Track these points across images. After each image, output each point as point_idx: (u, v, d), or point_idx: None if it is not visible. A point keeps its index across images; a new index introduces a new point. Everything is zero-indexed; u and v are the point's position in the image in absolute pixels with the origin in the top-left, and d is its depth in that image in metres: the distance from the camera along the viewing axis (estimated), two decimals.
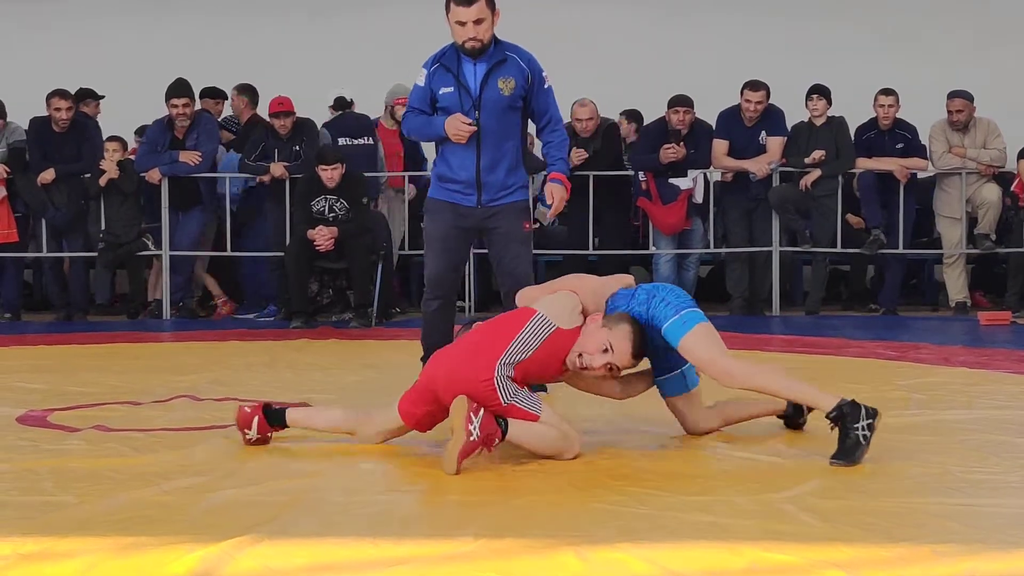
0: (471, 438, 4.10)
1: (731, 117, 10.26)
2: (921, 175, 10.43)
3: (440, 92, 5.72)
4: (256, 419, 4.58)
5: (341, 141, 10.31)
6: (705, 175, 10.24)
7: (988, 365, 6.90)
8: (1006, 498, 3.79)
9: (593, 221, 10.31)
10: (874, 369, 6.82)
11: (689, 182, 10.15)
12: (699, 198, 10.25)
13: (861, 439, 4.10)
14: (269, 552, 3.17)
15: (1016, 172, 10.19)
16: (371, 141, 10.46)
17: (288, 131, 10.13)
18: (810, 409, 4.73)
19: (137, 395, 5.81)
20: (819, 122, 10.23)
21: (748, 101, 10.09)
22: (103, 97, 11.04)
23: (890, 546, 3.23)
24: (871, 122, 10.32)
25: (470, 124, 5.66)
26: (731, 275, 10.41)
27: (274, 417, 4.63)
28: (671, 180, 10.14)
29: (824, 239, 10.27)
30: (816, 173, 10.07)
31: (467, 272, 10.33)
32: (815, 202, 10.22)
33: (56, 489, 3.87)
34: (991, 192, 10.20)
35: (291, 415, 4.66)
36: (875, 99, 10.21)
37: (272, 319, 9.95)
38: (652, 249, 10.40)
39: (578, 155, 10.13)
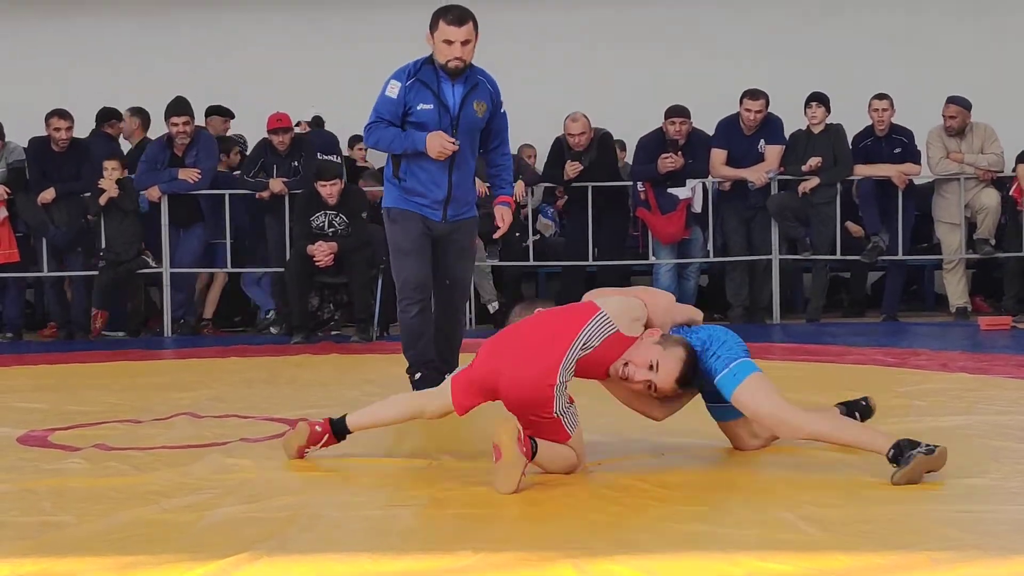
0: (529, 459, 4.09)
1: (730, 126, 10.27)
2: (919, 181, 10.43)
3: (418, 107, 5.77)
4: (326, 437, 4.56)
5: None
6: (704, 184, 10.25)
7: (988, 370, 6.91)
8: (1005, 504, 3.79)
9: (592, 232, 10.33)
10: (874, 376, 6.82)
11: (688, 191, 10.16)
12: (698, 207, 10.25)
13: (917, 452, 3.97)
14: (268, 569, 3.18)
15: (1015, 176, 10.19)
16: (339, 159, 10.49)
17: (286, 147, 10.16)
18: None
19: (137, 413, 5.81)
20: (817, 130, 10.25)
21: (748, 110, 10.10)
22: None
23: (887, 553, 3.23)
24: (868, 129, 10.33)
25: (453, 143, 5.74)
26: (731, 284, 10.41)
27: (338, 429, 4.58)
28: (669, 190, 10.15)
29: (824, 246, 10.27)
30: (814, 180, 10.09)
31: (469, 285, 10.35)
32: (814, 209, 10.23)
33: (55, 509, 3.88)
34: (990, 197, 10.21)
35: (352, 420, 4.60)
36: (869, 104, 10.22)
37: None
38: (652, 259, 10.41)
39: (572, 168, 10.14)
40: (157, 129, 10.63)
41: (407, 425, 5.47)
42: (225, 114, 11.33)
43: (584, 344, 4.24)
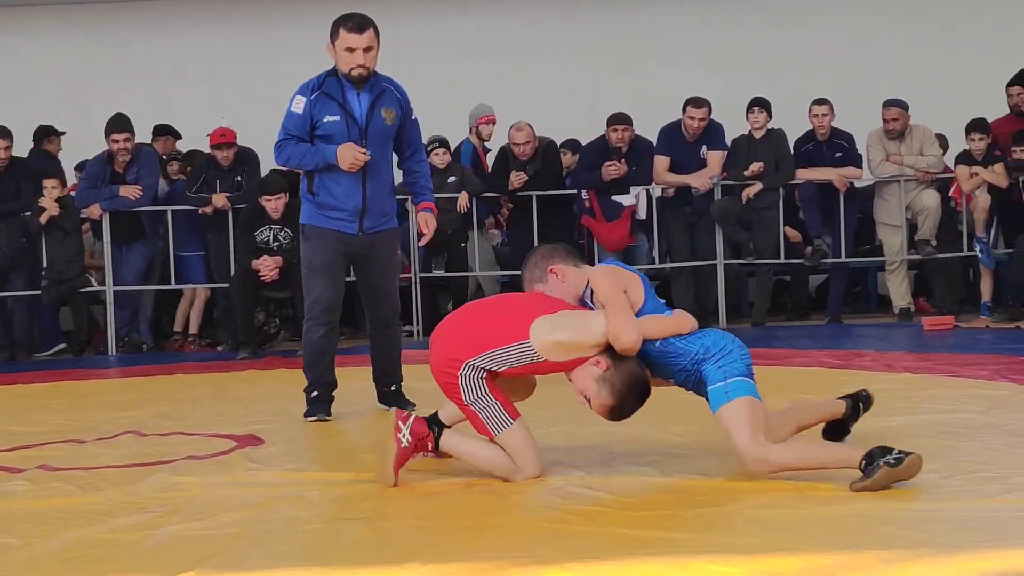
0: (402, 445, 4.21)
1: (672, 133, 10.32)
2: (860, 184, 10.53)
3: (324, 120, 5.71)
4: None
5: None
6: (647, 191, 10.29)
7: (931, 370, 6.97)
8: (950, 502, 3.82)
9: (538, 240, 10.33)
10: (820, 378, 6.87)
11: (632, 199, 10.20)
12: (642, 214, 10.30)
13: (883, 463, 3.94)
14: None
15: (954, 177, 10.31)
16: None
17: (230, 162, 10.11)
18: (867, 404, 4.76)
19: (82, 433, 5.75)
20: (759, 135, 10.31)
21: (692, 118, 10.15)
22: (63, 133, 10.99)
23: (835, 554, 3.25)
24: (809, 133, 10.42)
25: (364, 153, 5.68)
26: (677, 289, 10.46)
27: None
28: (614, 197, 10.19)
29: (767, 250, 10.34)
30: (757, 186, 10.15)
31: (415, 296, 10.34)
32: (757, 214, 10.30)
33: (0, 531, 3.83)
34: (930, 198, 10.31)
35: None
36: (809, 109, 10.30)
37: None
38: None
39: (517, 178, 10.16)
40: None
41: (353, 440, 5.47)
42: (172, 133, 11.25)
43: (498, 360, 4.23)
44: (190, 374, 8.35)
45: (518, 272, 10.25)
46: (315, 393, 5.96)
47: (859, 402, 4.78)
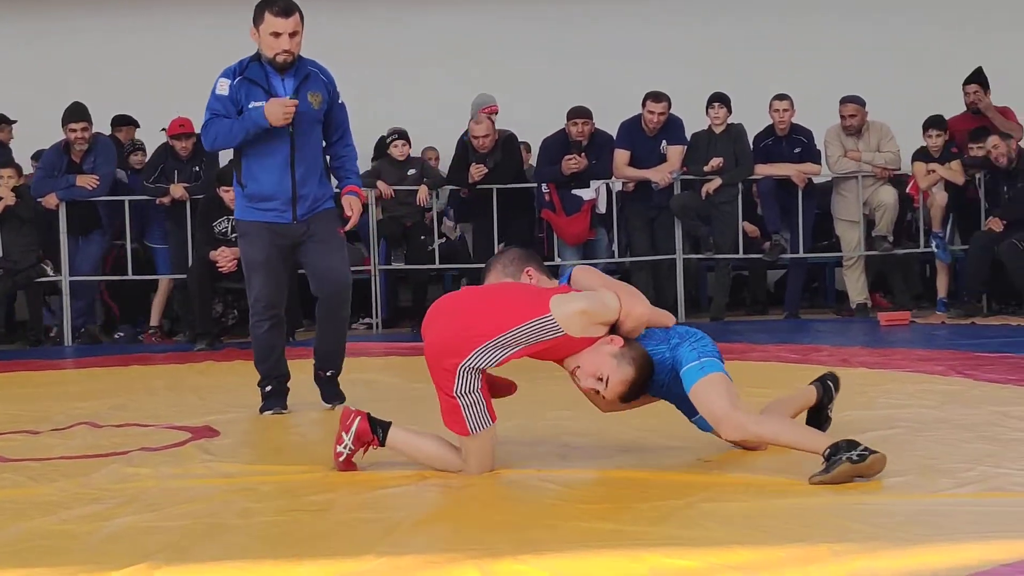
0: (340, 459, 4.30)
1: (632, 127, 10.34)
2: (819, 179, 10.58)
3: (250, 107, 5.60)
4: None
5: None
6: (607, 185, 10.31)
7: (887, 365, 7.02)
8: (902, 496, 3.84)
9: (498, 233, 10.33)
10: (776, 373, 6.90)
11: (592, 193, 10.21)
12: (602, 208, 10.31)
13: (846, 459, 3.96)
14: None
15: (911, 174, 10.38)
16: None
17: (188, 152, 10.05)
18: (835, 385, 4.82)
19: (36, 423, 5.71)
20: (719, 130, 10.34)
21: (651, 112, 10.17)
22: (15, 122, 10.89)
23: (788, 547, 3.27)
24: (768, 128, 10.46)
25: (293, 103, 5.55)
26: (636, 284, 10.45)
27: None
28: (574, 191, 10.19)
29: (726, 245, 10.37)
30: (717, 181, 10.18)
31: (374, 287, 10.32)
32: (716, 209, 10.33)
33: None
34: (887, 194, 10.38)
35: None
36: (770, 105, 10.34)
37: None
38: (557, 260, 10.43)
39: (477, 170, 10.15)
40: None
41: (309, 433, 5.46)
42: (131, 123, 11.16)
43: (516, 339, 4.19)
44: (147, 365, 8.30)
45: (478, 265, 10.31)
46: (268, 387, 5.92)
47: (828, 383, 4.84)
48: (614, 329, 4.33)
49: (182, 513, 3.83)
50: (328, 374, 6.06)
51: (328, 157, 5.98)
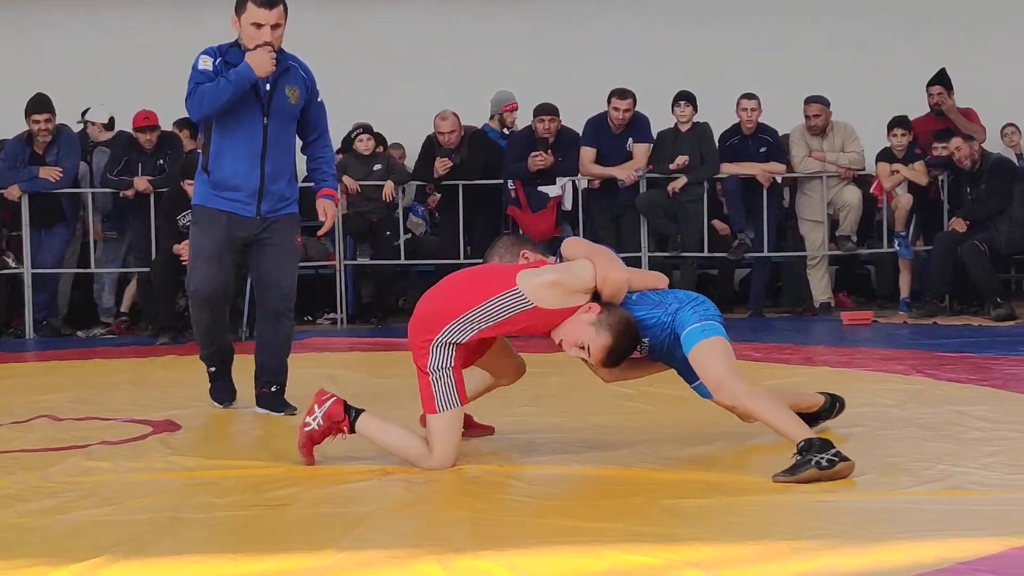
0: (308, 428, 4.26)
1: (598, 124, 10.35)
2: (783, 179, 10.62)
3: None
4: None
5: None
6: (573, 182, 10.31)
7: (850, 364, 7.05)
8: (862, 494, 3.87)
9: (464, 230, 10.33)
10: (741, 370, 6.88)
11: (558, 189, 10.21)
12: (568, 205, 10.31)
13: (814, 463, 3.97)
14: (126, 572, 3.12)
15: (875, 174, 10.43)
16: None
17: (153, 145, 9.99)
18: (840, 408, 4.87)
19: None
20: (685, 128, 10.36)
21: (616, 109, 10.18)
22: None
23: (748, 544, 3.28)
24: (734, 127, 10.49)
25: (269, 47, 5.34)
26: None
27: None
28: (540, 188, 10.19)
29: (691, 244, 10.40)
30: (682, 180, 10.20)
31: (339, 283, 10.29)
32: (682, 207, 10.35)
33: None
34: (851, 194, 10.43)
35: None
36: (738, 103, 10.37)
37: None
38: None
39: (442, 164, 10.14)
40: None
41: (270, 427, 5.43)
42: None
43: (486, 315, 4.23)
44: (109, 359, 8.24)
45: (444, 261, 10.31)
46: (213, 368, 5.82)
47: (837, 401, 4.91)
48: (597, 297, 4.36)
49: (141, 507, 3.81)
50: (273, 390, 5.72)
51: (306, 158, 5.85)
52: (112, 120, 10.80)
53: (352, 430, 4.32)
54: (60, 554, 3.27)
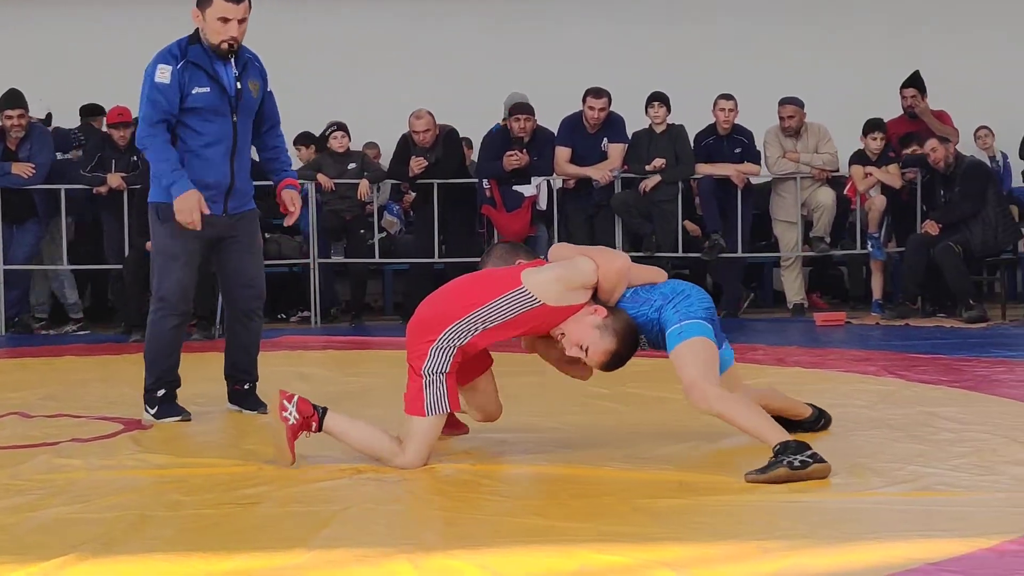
0: (289, 423, 4.20)
1: (573, 124, 10.35)
2: (757, 180, 10.65)
3: (194, 92, 5.31)
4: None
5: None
6: (548, 182, 10.31)
7: (822, 365, 7.07)
8: (833, 494, 3.88)
9: (439, 229, 10.32)
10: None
11: (532, 189, 10.22)
12: (543, 205, 10.32)
13: (785, 463, 3.99)
14: (95, 570, 3.11)
15: (848, 176, 10.47)
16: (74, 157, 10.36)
17: (127, 142, 9.94)
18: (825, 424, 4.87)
19: None
20: (659, 129, 10.37)
21: (591, 108, 10.19)
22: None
23: (718, 543, 3.29)
24: (709, 128, 10.51)
25: (199, 220, 5.25)
26: None
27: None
28: (515, 187, 10.20)
29: (666, 244, 10.41)
30: (655, 178, 10.19)
31: (312, 281, 10.27)
32: (656, 207, 10.36)
33: None
34: (825, 195, 10.47)
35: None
36: (715, 103, 10.39)
37: None
38: None
39: (417, 164, 10.13)
40: None
41: (240, 426, 5.40)
42: (101, 112, 11.02)
43: (493, 313, 4.22)
44: (80, 356, 8.21)
45: (418, 260, 10.29)
46: (162, 392, 5.45)
47: (824, 416, 4.92)
48: (595, 294, 4.36)
49: (111, 505, 3.80)
50: (246, 388, 5.65)
51: (258, 149, 5.74)
52: (49, 116, 10.78)
53: (320, 428, 4.30)
54: (29, 552, 3.25)
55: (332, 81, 12.11)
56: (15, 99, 9.85)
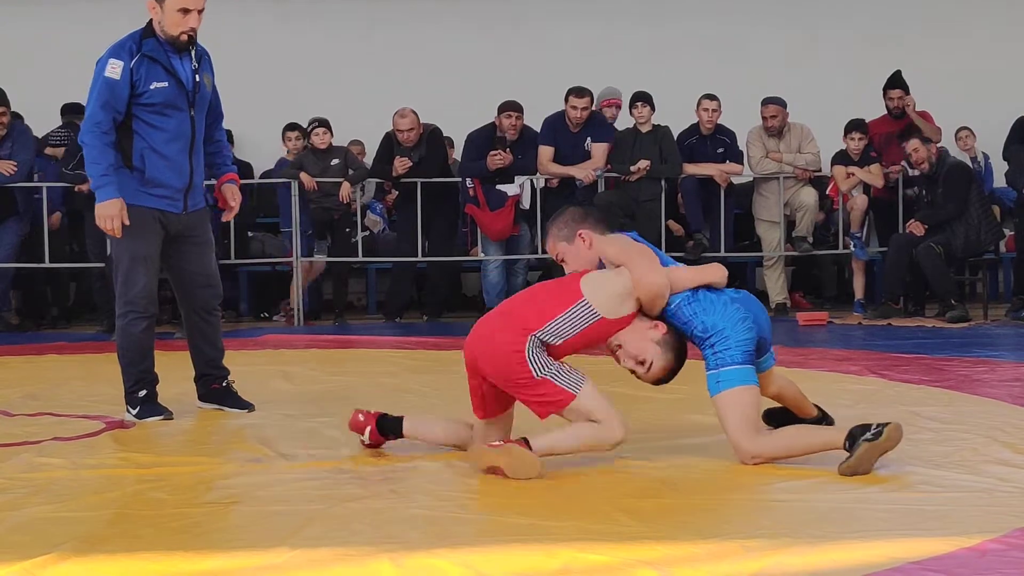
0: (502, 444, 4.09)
1: (556, 123, 10.34)
2: (740, 180, 10.67)
3: (152, 87, 5.20)
4: (368, 429, 4.52)
5: None
6: (531, 181, 10.31)
7: (805, 364, 7.08)
8: (814, 493, 3.88)
9: (422, 228, 10.31)
10: (695, 371, 6.90)
11: (516, 188, 10.21)
12: (526, 204, 10.31)
13: (862, 440, 4.07)
14: (76, 570, 3.10)
15: (831, 176, 10.49)
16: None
17: None
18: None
19: None
20: (644, 129, 10.38)
21: (574, 107, 10.18)
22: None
23: (701, 543, 3.30)
24: (692, 127, 10.52)
25: (120, 228, 5.20)
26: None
27: (389, 427, 4.54)
28: (498, 186, 10.19)
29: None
30: (644, 164, 10.10)
31: (296, 280, 10.25)
32: (640, 206, 10.36)
33: None
34: (808, 195, 10.49)
35: (408, 425, 4.56)
36: (699, 103, 10.40)
37: None
38: (480, 255, 10.44)
39: (401, 164, 10.12)
40: None
41: (222, 425, 5.38)
42: (82, 111, 10.96)
43: (560, 328, 4.19)
44: (62, 355, 8.18)
45: (402, 259, 10.28)
46: (144, 392, 5.41)
47: (825, 419, 4.96)
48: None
49: (92, 504, 3.79)
50: (224, 384, 5.61)
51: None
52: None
53: (528, 445, 4.10)
54: (10, 550, 3.24)
55: (317, 78, 12.08)
56: None
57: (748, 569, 3.10)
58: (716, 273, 4.49)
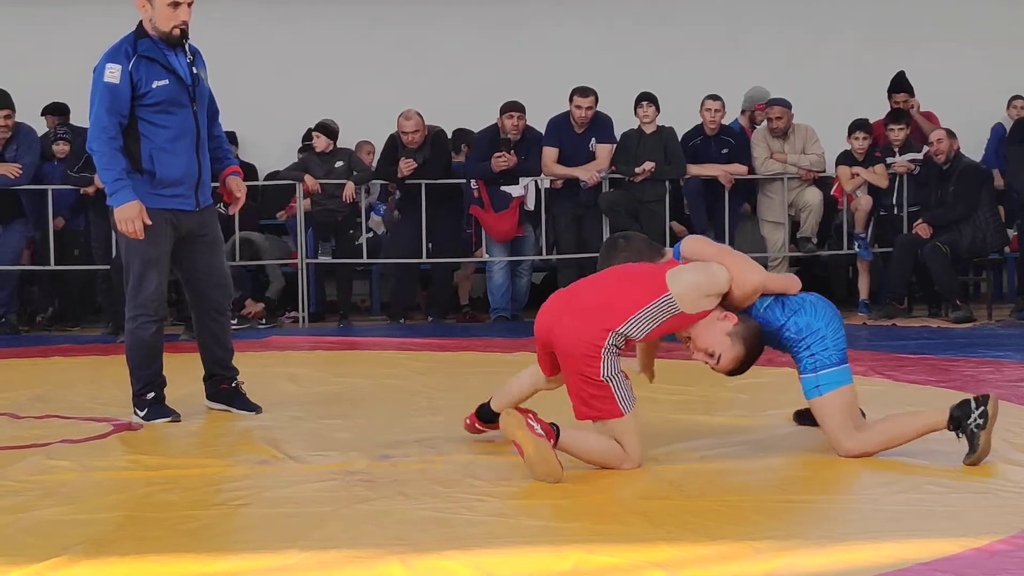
0: (545, 438, 4.06)
1: (560, 124, 10.34)
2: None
3: (154, 87, 5.19)
4: (476, 425, 4.73)
5: None
6: (536, 182, 10.31)
7: None
8: (823, 494, 3.90)
9: (426, 229, 10.31)
10: (700, 371, 6.89)
11: (520, 189, 10.21)
12: (531, 205, 10.31)
13: (975, 429, 4.15)
14: (86, 572, 3.11)
15: (835, 176, 10.49)
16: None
17: None
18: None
19: None
20: (649, 130, 10.38)
21: (578, 107, 10.18)
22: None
23: (710, 544, 3.30)
24: (697, 128, 10.53)
25: (142, 229, 5.19)
26: (563, 281, 10.46)
27: (486, 415, 4.69)
28: (502, 188, 10.19)
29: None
30: (649, 165, 10.11)
31: (302, 280, 10.24)
32: (644, 207, 10.36)
33: None
34: (812, 196, 10.49)
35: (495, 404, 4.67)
36: (702, 104, 10.41)
37: None
38: (485, 257, 10.45)
39: (407, 165, 10.12)
40: None
41: (231, 426, 5.39)
42: (63, 112, 10.96)
43: (642, 322, 4.22)
44: (68, 357, 8.18)
45: (406, 260, 10.27)
46: (152, 395, 5.40)
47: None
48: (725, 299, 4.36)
49: (102, 506, 3.80)
50: (233, 385, 5.62)
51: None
52: None
53: (556, 444, 4.14)
54: (20, 553, 3.25)
55: (319, 80, 12.08)
56: (1, 100, 9.81)
57: (758, 570, 3.11)
58: (795, 283, 4.60)
